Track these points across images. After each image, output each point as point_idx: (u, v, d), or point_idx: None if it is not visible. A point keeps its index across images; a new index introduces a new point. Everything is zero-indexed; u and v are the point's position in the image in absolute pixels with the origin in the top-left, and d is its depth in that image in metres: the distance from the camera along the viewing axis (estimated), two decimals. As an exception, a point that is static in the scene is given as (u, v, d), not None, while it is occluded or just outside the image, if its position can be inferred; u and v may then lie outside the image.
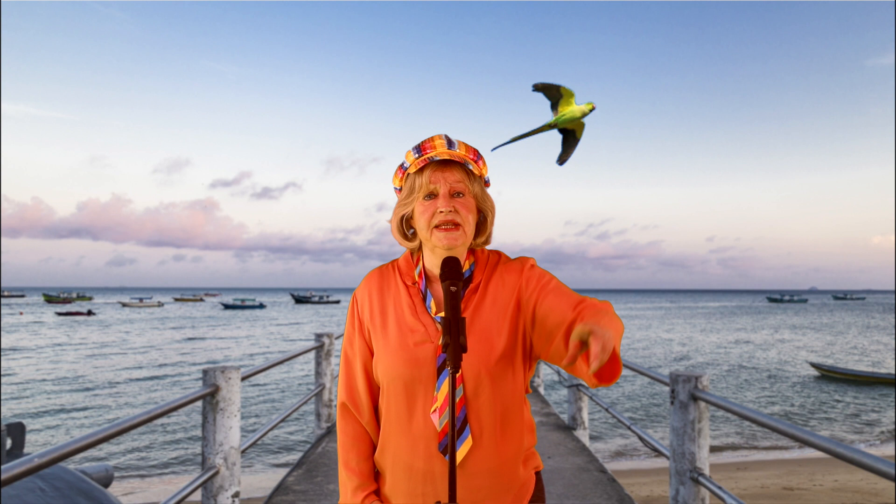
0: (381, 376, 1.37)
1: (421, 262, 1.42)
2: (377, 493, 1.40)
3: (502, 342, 1.34)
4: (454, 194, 1.34)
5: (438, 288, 1.38)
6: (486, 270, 1.41)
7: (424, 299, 1.38)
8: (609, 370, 1.13)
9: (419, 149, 1.36)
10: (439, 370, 1.32)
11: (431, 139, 1.36)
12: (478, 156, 1.39)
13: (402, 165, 1.40)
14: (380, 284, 1.43)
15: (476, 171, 1.38)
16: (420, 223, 1.35)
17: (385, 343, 1.36)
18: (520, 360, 1.36)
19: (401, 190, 1.41)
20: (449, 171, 1.34)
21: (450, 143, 1.36)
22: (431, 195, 1.34)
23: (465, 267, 1.40)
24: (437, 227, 1.33)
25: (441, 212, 1.32)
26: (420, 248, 1.43)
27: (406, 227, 1.42)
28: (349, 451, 1.41)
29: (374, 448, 1.43)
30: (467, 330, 1.33)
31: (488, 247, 1.47)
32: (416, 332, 1.35)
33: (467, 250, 1.42)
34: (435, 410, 1.30)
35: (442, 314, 1.32)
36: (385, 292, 1.42)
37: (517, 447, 1.37)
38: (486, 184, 1.43)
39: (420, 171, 1.35)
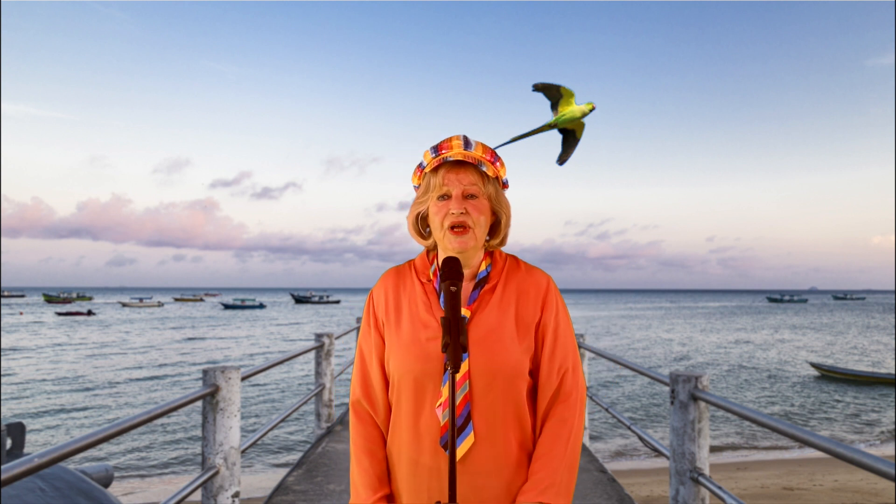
0: (392, 371, 1.38)
1: (436, 261, 1.43)
2: (389, 496, 1.40)
3: (514, 345, 1.35)
4: (467, 196, 1.35)
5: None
6: (504, 273, 1.43)
7: (439, 296, 1.39)
8: None
9: (436, 148, 1.38)
10: (446, 366, 1.32)
11: (449, 139, 1.38)
12: (495, 157, 1.40)
13: (420, 164, 1.42)
14: (395, 282, 1.45)
15: (491, 173, 1.38)
16: (434, 223, 1.38)
17: (398, 338, 1.38)
18: (529, 367, 1.38)
19: (417, 188, 1.44)
20: (463, 173, 1.36)
21: (467, 144, 1.37)
22: (445, 196, 1.36)
23: (482, 268, 1.42)
24: (449, 229, 1.35)
25: (453, 213, 1.34)
26: (436, 246, 1.45)
27: (422, 225, 1.44)
28: (362, 451, 1.40)
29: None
30: (479, 328, 1.35)
31: (504, 248, 1.49)
32: (428, 328, 1.36)
33: (484, 252, 1.44)
34: (440, 405, 1.32)
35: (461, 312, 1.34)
36: (401, 289, 1.43)
37: (525, 449, 1.37)
38: (504, 185, 1.45)
39: (434, 170, 1.37)
